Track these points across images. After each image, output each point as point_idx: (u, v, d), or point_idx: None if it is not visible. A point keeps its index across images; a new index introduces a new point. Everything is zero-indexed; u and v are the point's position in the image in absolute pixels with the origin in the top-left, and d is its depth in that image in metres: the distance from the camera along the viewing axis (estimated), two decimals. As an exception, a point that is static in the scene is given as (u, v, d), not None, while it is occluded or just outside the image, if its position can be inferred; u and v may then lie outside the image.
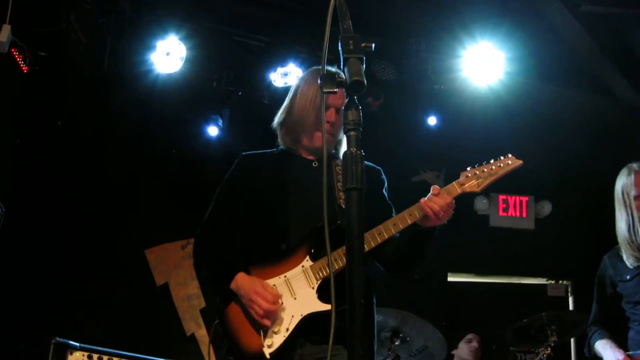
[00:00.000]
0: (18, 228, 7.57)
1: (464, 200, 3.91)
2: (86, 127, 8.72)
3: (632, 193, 5.65)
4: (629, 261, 5.60)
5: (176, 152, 9.16)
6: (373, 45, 2.63)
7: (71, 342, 5.52)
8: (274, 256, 4.08)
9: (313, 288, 3.95)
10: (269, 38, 8.50)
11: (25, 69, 7.76)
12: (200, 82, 8.51)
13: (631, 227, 5.64)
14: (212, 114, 8.88)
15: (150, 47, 7.92)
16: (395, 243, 4.11)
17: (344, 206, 4.04)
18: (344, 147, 4.18)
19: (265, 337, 3.90)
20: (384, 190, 4.47)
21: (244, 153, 4.51)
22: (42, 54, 7.84)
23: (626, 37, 8.64)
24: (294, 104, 4.42)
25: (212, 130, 8.94)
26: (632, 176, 5.67)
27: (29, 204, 8.19)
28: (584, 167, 9.58)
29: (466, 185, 4.10)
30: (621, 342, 5.73)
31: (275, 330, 3.90)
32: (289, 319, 3.91)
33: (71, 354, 5.49)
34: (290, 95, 4.52)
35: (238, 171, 4.45)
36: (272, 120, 4.53)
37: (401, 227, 3.96)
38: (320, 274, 3.96)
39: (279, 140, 4.51)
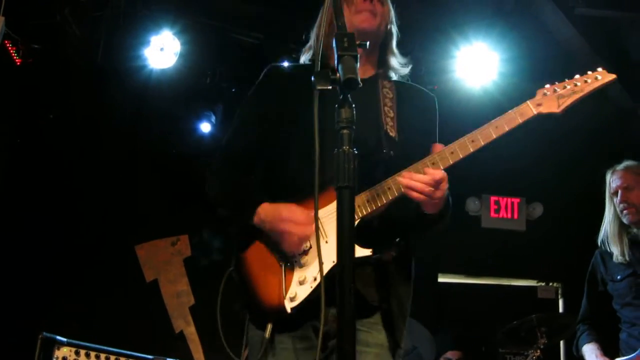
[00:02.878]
0: (8, 222, 7.57)
1: (455, 201, 3.62)
2: (79, 121, 8.71)
3: (610, 190, 5.76)
4: (617, 253, 5.66)
5: (168, 148, 9.14)
6: (367, 43, 2.62)
7: (58, 337, 5.47)
8: (302, 195, 3.42)
9: None
10: (263, 35, 8.49)
11: (18, 61, 7.75)
12: (194, 78, 8.51)
13: (611, 223, 5.74)
14: (205, 110, 8.88)
15: (145, 42, 7.93)
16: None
17: (392, 134, 3.55)
18: (395, 65, 3.83)
19: (289, 286, 3.33)
20: (432, 119, 3.85)
21: (272, 65, 3.92)
22: (36, 46, 7.83)
23: (619, 40, 8.66)
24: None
25: (205, 127, 8.94)
26: (609, 174, 5.79)
27: (19, 198, 8.18)
28: (576, 169, 9.59)
29: (543, 105, 3.41)
30: (610, 344, 5.75)
31: (301, 279, 3.33)
32: (318, 267, 3.14)
33: (58, 349, 5.45)
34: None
35: (268, 87, 3.84)
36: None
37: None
38: (358, 213, 3.30)
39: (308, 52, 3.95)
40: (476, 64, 8.48)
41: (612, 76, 3.42)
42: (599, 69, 3.45)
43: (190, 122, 8.99)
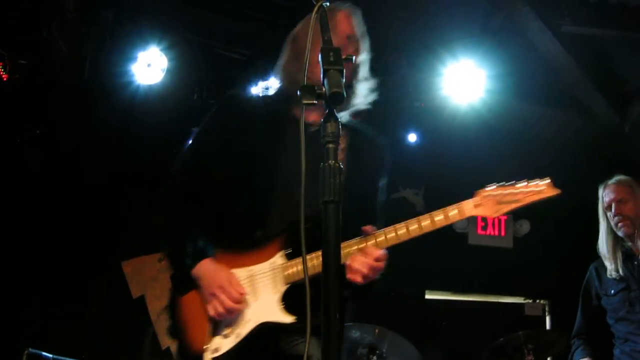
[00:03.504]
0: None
1: None
2: (65, 136, 8.67)
3: (604, 205, 5.78)
4: (612, 268, 5.68)
5: (155, 164, 9.11)
6: (354, 57, 2.63)
7: (44, 353, 5.46)
8: (246, 242, 3.52)
9: (276, 293, 3.42)
10: (250, 51, 8.50)
11: (5, 77, 7.72)
12: (181, 94, 8.50)
13: (606, 238, 5.77)
14: (192, 126, 8.84)
15: (132, 58, 7.93)
16: None
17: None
18: (357, 98, 3.79)
19: (212, 337, 3.43)
20: (378, 174, 3.86)
21: (229, 94, 3.93)
22: (23, 62, 7.81)
23: (606, 58, 8.70)
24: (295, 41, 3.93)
25: (192, 143, 8.91)
26: (602, 189, 5.83)
27: (5, 213, 8.13)
28: (563, 186, 9.61)
29: (482, 207, 3.52)
30: (604, 359, 5.77)
31: (226, 333, 3.42)
32: (244, 324, 3.40)
33: (44, 365, 5.43)
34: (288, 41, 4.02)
35: (222, 119, 3.85)
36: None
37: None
38: (291, 277, 3.41)
39: (278, 82, 3.96)
40: (463, 81, 8.51)
41: (556, 191, 3.62)
42: (547, 180, 3.63)
43: (177, 138, 8.96)
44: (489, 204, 3.52)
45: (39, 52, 7.81)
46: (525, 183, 3.59)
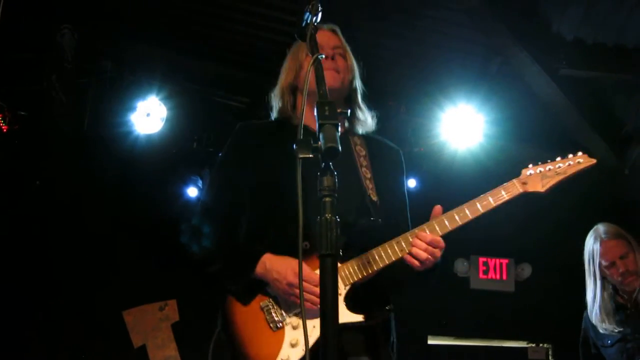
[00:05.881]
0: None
1: (444, 263, 3.68)
2: (65, 187, 8.68)
3: (602, 262, 5.64)
4: (607, 325, 5.58)
5: (155, 213, 9.11)
6: (349, 111, 2.64)
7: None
8: (293, 255, 3.39)
9: (340, 294, 3.37)
10: (249, 99, 8.53)
11: (4, 128, 7.74)
12: (180, 143, 8.52)
13: (594, 296, 5.65)
14: (192, 175, 8.86)
15: (131, 108, 7.95)
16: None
17: (374, 198, 3.69)
18: (362, 118, 3.93)
19: (279, 349, 3.35)
20: (402, 176, 4.07)
21: (242, 123, 3.98)
22: (22, 113, 7.83)
23: (604, 100, 8.72)
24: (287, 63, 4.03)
25: (192, 192, 8.91)
26: (598, 245, 5.67)
27: (4, 265, 8.12)
28: (564, 230, 9.59)
29: (528, 184, 3.58)
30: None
31: (293, 342, 3.36)
32: (310, 330, 3.19)
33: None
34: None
35: (242, 144, 3.89)
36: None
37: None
38: (350, 279, 3.40)
39: (274, 110, 4.03)
40: (462, 126, 8.52)
41: (593, 160, 3.64)
42: (580, 153, 3.65)
43: (176, 186, 8.97)
44: (535, 180, 3.59)
45: (39, 102, 7.83)
46: (560, 158, 3.65)
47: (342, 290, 3.41)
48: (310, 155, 2.40)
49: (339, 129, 2.40)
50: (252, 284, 3.49)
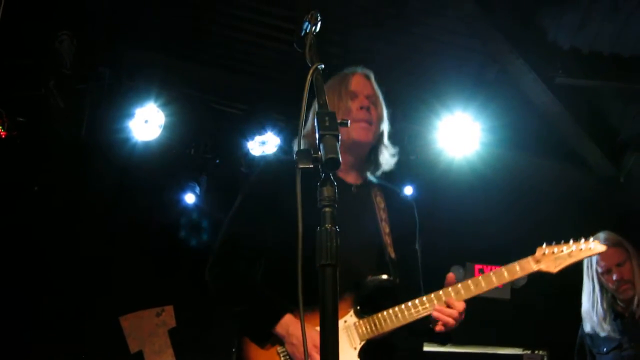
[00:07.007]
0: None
1: (440, 270, 3.80)
2: (63, 193, 8.68)
3: (598, 269, 5.67)
4: (603, 330, 5.60)
5: (152, 220, 9.12)
6: (349, 122, 2.65)
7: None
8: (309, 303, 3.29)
9: (355, 349, 3.54)
10: (247, 106, 8.55)
11: (3, 134, 7.74)
12: (178, 150, 8.53)
13: (593, 301, 5.67)
14: (190, 181, 8.87)
15: (129, 115, 7.94)
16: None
17: (393, 255, 3.81)
18: (384, 162, 4.03)
19: None
20: (417, 231, 4.12)
21: (267, 159, 4.02)
22: (21, 119, 7.83)
23: (600, 108, 8.75)
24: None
25: (189, 198, 8.92)
26: None
27: (2, 270, 8.12)
28: (559, 238, 9.62)
29: (542, 263, 3.85)
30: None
31: None
32: None
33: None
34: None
35: (264, 184, 3.91)
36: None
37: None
38: (366, 335, 3.55)
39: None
40: (458, 133, 8.53)
41: (603, 247, 3.98)
42: (591, 239, 3.97)
43: (174, 193, 8.98)
44: (549, 260, 3.85)
45: (37, 109, 7.83)
46: (573, 241, 3.97)
47: (358, 345, 3.54)
48: (311, 166, 2.41)
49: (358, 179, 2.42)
50: (271, 334, 3.55)
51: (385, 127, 4.06)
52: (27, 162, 8.35)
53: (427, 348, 10.20)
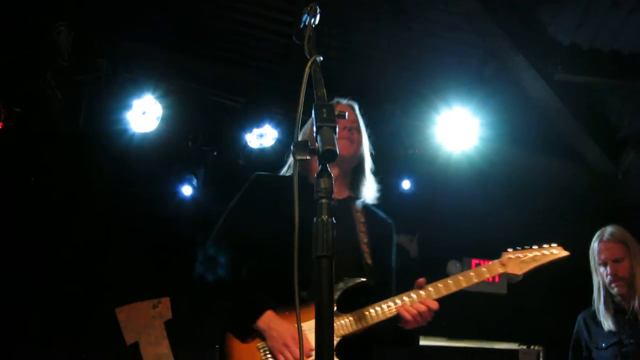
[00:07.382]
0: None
1: (437, 264, 3.88)
2: (60, 184, 8.66)
3: (597, 260, 5.69)
4: (606, 324, 5.59)
5: (149, 211, 9.10)
6: (346, 113, 2.65)
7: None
8: (291, 303, 3.37)
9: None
10: (245, 99, 8.53)
11: (0, 125, 7.72)
12: (175, 142, 8.51)
13: (598, 294, 5.69)
14: (187, 173, 8.85)
15: (127, 106, 7.92)
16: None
17: (369, 261, 3.97)
18: (365, 188, 4.22)
19: None
20: (393, 248, 4.31)
21: (258, 174, 4.15)
22: (17, 110, 7.81)
23: (599, 105, 8.75)
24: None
25: (187, 190, 8.90)
26: (597, 243, 5.71)
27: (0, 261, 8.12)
28: (557, 234, 9.61)
29: (508, 266, 4.10)
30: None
31: None
32: None
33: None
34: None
35: (254, 194, 4.08)
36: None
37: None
38: (341, 331, 3.66)
39: (289, 166, 4.29)
40: (457, 128, 8.52)
41: (566, 253, 4.21)
42: (554, 245, 4.23)
43: (171, 185, 8.96)
44: (514, 264, 4.11)
45: (34, 100, 7.81)
46: (537, 246, 4.22)
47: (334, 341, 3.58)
48: (308, 157, 2.43)
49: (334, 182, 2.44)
50: (253, 329, 3.69)
51: (367, 155, 4.28)
52: (24, 153, 8.34)
53: (424, 342, 10.22)
